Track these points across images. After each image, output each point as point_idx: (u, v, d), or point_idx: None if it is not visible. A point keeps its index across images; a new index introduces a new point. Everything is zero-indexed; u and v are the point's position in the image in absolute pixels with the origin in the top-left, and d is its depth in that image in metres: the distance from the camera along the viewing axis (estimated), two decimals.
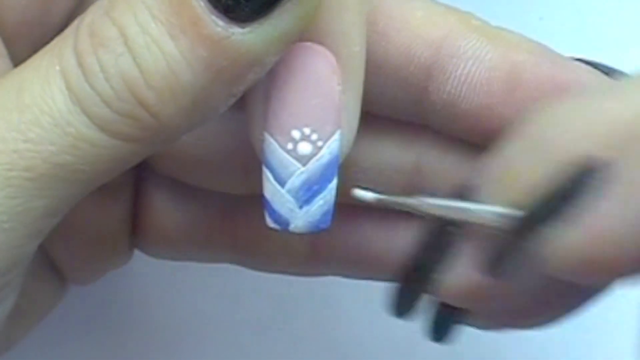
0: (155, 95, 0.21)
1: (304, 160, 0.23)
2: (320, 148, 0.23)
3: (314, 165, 0.23)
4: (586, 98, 0.22)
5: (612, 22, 0.34)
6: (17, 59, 0.23)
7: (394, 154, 0.26)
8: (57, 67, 0.21)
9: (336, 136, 0.23)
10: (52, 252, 0.27)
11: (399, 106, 0.25)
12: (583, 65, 0.24)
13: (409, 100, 0.25)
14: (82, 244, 0.27)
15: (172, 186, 0.28)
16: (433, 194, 0.24)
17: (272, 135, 0.23)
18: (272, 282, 0.32)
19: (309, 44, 0.22)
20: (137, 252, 0.29)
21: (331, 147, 0.23)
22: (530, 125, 0.23)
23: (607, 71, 0.24)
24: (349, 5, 0.22)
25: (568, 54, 0.25)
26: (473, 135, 0.25)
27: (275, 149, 0.23)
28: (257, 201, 0.24)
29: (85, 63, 0.21)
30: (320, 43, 0.22)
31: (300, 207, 0.23)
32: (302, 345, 0.35)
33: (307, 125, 0.23)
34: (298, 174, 0.23)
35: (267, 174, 0.23)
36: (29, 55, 0.22)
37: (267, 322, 0.35)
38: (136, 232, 0.28)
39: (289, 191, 0.23)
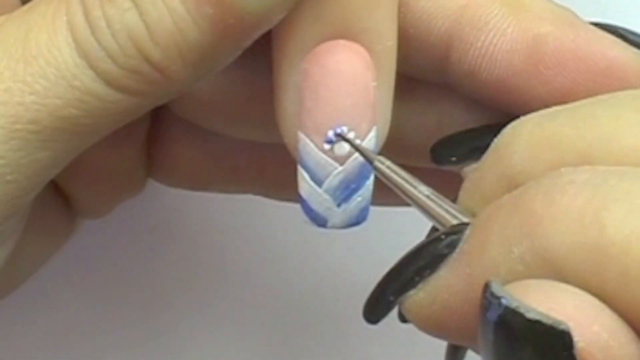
0: (161, 52, 0.21)
1: (341, 160, 0.22)
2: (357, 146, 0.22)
3: (351, 164, 0.23)
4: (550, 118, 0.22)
5: (637, 21, 0.34)
6: None
7: (416, 110, 0.26)
8: (65, 17, 0.21)
9: (372, 133, 0.23)
10: (65, 187, 0.27)
11: (421, 72, 0.25)
12: (608, 37, 0.23)
13: (430, 68, 0.24)
14: (96, 178, 0.28)
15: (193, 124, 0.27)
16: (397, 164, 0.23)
17: (307, 136, 0.22)
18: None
19: (342, 41, 0.22)
20: None
21: (368, 145, 0.23)
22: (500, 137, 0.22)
23: (634, 38, 0.23)
24: (382, 0, 0.22)
25: None
26: (494, 104, 0.24)
27: (311, 150, 0.22)
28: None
29: (91, 17, 0.21)
30: (354, 40, 0.22)
31: (338, 205, 0.23)
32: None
33: (343, 125, 0.22)
34: (335, 174, 0.23)
35: (303, 174, 0.23)
36: None
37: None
38: (152, 164, 0.28)
39: (326, 191, 0.23)
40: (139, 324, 0.35)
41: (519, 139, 0.21)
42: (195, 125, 0.27)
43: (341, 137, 0.22)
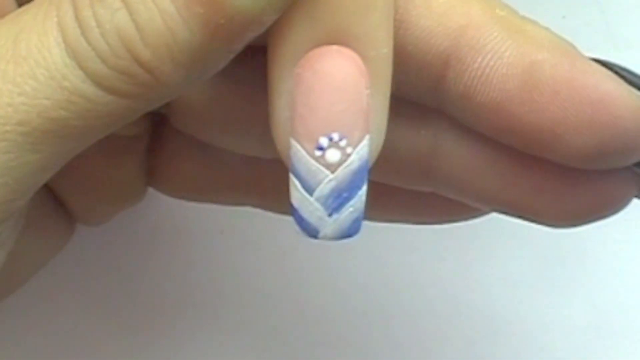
0: (151, 52, 0.21)
1: (332, 167, 0.22)
2: (349, 155, 0.22)
3: (343, 172, 0.22)
4: None
5: (636, 21, 0.34)
6: None
7: (410, 133, 0.25)
8: (55, 19, 0.21)
9: (365, 141, 0.22)
10: (63, 196, 0.27)
11: (416, 92, 0.24)
12: (603, 70, 0.23)
13: (425, 87, 0.24)
14: (95, 189, 0.28)
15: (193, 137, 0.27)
16: None
17: (299, 142, 0.22)
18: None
19: (335, 47, 0.22)
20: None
21: (360, 153, 0.22)
22: None
23: (630, 77, 0.23)
24: (377, 5, 0.22)
25: (590, 53, 0.24)
26: (485, 128, 0.24)
27: (302, 157, 0.22)
28: None
29: (81, 17, 0.21)
30: (348, 46, 0.22)
31: (330, 215, 0.23)
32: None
33: (335, 131, 0.22)
34: (327, 182, 0.22)
35: (294, 181, 0.22)
36: None
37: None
38: (152, 175, 0.28)
39: (317, 199, 0.22)
40: (138, 325, 0.35)
41: None
42: (195, 139, 0.27)
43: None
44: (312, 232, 0.23)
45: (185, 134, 0.27)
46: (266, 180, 0.28)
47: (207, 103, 0.25)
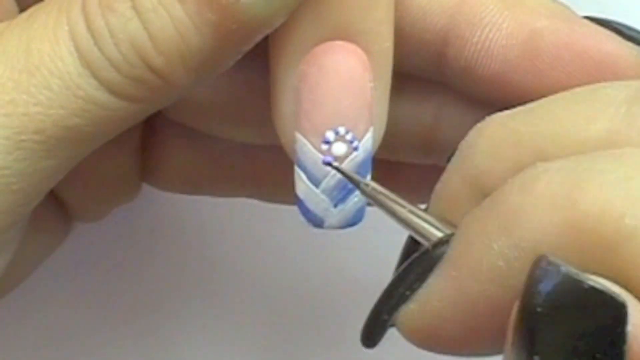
0: (163, 59, 0.21)
1: (338, 160, 0.23)
2: (355, 147, 0.23)
3: (348, 165, 0.23)
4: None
5: (636, 21, 0.34)
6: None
7: (412, 106, 0.26)
8: (66, 28, 0.21)
9: (369, 133, 0.23)
10: (59, 192, 0.28)
11: (417, 69, 0.25)
12: (602, 31, 0.23)
13: (426, 64, 0.25)
14: (90, 184, 0.28)
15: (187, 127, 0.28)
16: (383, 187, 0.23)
17: (305, 137, 0.23)
18: None
19: (340, 42, 0.22)
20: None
21: (365, 145, 0.23)
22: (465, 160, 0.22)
23: (629, 33, 0.24)
24: (380, 1, 0.22)
25: None
26: (490, 99, 0.24)
27: (308, 150, 0.23)
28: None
29: (94, 27, 0.21)
30: (352, 41, 0.22)
31: (335, 205, 0.23)
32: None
33: (341, 125, 0.22)
34: (332, 175, 0.23)
35: (300, 174, 0.23)
36: None
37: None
38: (146, 169, 0.29)
39: (323, 191, 0.23)
40: (137, 324, 0.35)
41: (482, 139, 0.22)
42: (188, 129, 0.27)
43: (330, 164, 0.23)
44: (317, 223, 0.23)
45: (179, 125, 0.27)
46: (262, 170, 0.28)
47: (207, 94, 0.26)
